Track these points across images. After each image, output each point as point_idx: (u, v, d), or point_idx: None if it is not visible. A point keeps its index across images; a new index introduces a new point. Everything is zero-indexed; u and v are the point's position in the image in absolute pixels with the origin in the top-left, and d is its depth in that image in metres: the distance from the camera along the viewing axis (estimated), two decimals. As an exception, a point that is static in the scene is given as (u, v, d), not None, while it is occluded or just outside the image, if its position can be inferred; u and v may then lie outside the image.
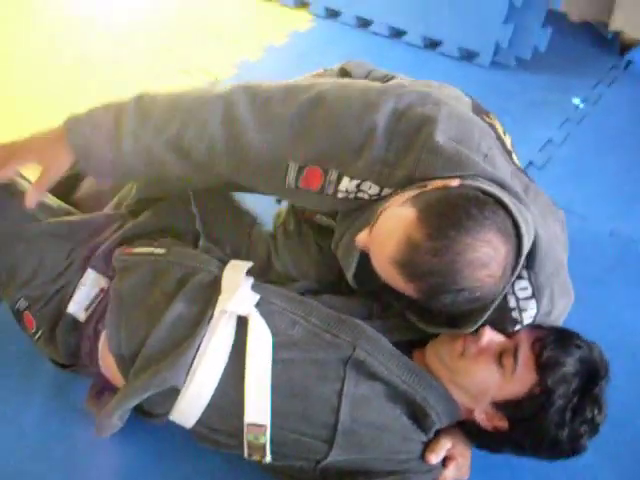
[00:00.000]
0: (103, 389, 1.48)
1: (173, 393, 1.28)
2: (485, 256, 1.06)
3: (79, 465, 1.45)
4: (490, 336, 1.24)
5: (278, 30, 3.05)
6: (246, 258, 1.47)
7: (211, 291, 1.34)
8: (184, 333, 1.30)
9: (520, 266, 1.15)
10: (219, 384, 1.27)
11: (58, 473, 1.44)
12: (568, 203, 2.17)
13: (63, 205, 1.60)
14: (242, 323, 1.29)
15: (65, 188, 1.72)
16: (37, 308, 1.44)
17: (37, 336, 1.46)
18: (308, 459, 1.28)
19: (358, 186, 1.26)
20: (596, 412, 1.20)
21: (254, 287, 1.36)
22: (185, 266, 1.39)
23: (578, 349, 1.22)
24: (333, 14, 3.19)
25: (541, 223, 1.25)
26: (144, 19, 3.07)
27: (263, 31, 3.07)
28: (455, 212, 1.08)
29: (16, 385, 1.58)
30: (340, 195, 1.28)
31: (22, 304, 1.45)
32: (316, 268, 1.54)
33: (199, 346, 1.27)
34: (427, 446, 1.29)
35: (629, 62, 3.11)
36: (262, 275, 1.47)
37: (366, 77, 1.65)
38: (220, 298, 1.32)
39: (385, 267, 1.12)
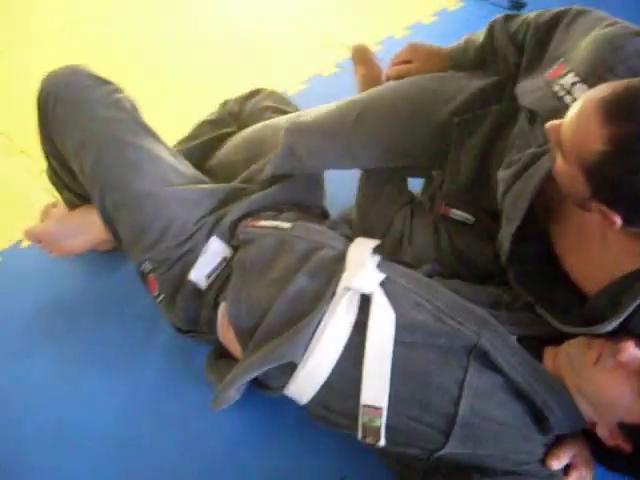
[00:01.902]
0: (221, 355, 1.47)
1: (290, 368, 1.25)
2: None
3: (189, 426, 1.46)
4: (634, 353, 1.07)
5: (426, 8, 2.91)
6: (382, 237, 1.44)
7: (335, 267, 1.30)
8: (305, 308, 1.26)
9: None
10: (337, 363, 1.22)
11: (167, 431, 1.45)
12: None
13: (198, 174, 1.60)
14: (365, 301, 1.24)
15: (200, 154, 1.78)
16: (161, 272, 1.44)
17: (159, 299, 1.46)
18: (422, 448, 1.20)
19: (573, 84, 1.20)
20: None
21: (380, 265, 1.31)
22: (309, 241, 1.36)
23: None
24: (485, -7, 3.00)
25: None
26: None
27: (410, 8, 2.94)
28: None
29: (138, 341, 1.61)
30: (556, 88, 1.24)
31: (147, 266, 1.45)
32: (445, 259, 1.47)
33: (319, 322, 1.23)
34: (549, 450, 1.18)
35: None
36: (391, 255, 1.42)
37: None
38: (344, 275, 1.27)
39: (584, 111, 0.98)
